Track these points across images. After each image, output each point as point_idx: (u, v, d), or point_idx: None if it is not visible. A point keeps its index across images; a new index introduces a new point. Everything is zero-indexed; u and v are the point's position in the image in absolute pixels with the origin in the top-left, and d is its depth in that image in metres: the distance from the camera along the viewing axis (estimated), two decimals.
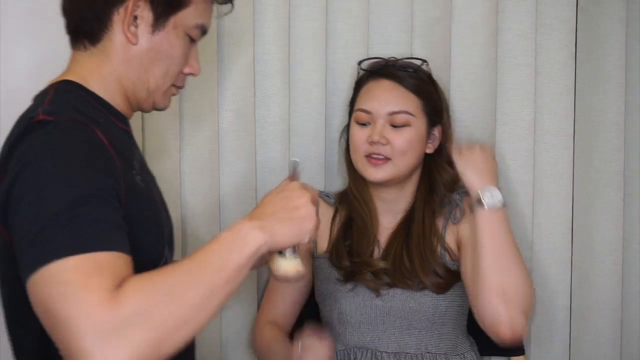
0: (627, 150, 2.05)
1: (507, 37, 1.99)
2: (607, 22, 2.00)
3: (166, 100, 1.45)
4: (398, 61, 1.85)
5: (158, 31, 1.37)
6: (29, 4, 1.81)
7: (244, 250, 1.21)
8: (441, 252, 1.82)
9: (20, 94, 1.40)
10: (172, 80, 1.43)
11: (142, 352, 1.07)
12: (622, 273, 2.06)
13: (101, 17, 1.35)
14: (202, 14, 1.41)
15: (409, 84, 1.82)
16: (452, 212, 1.84)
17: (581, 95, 2.03)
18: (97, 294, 1.07)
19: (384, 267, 1.80)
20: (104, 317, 1.06)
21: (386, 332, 1.80)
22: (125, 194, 1.25)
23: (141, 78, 1.39)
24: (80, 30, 1.37)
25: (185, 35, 1.40)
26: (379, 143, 1.78)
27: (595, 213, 2.05)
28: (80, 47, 1.38)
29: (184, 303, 1.13)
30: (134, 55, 1.37)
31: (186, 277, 1.15)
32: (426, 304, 1.79)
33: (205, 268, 1.17)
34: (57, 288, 1.08)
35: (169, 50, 1.38)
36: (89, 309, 1.06)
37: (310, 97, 2.00)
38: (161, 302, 1.11)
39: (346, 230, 1.87)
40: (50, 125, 1.23)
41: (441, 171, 1.86)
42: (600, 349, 2.07)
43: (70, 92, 1.34)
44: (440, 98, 1.88)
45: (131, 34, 1.35)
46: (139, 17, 1.35)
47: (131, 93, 1.40)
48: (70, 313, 1.06)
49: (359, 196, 1.87)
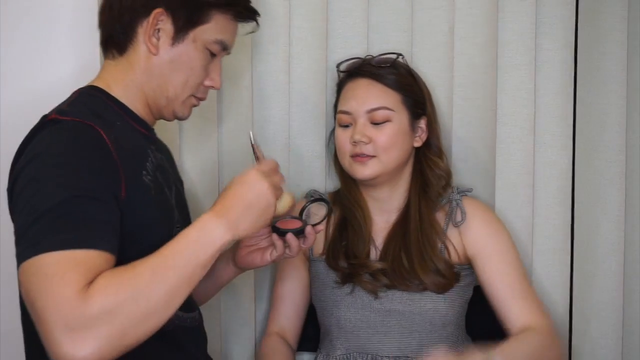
0: (628, 151, 2.05)
1: (507, 37, 1.99)
2: (608, 22, 2.00)
3: (186, 109, 1.55)
4: (374, 58, 1.86)
5: (178, 43, 1.48)
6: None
7: (208, 249, 1.30)
8: (441, 248, 1.81)
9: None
10: (191, 91, 1.52)
11: (106, 345, 1.18)
12: (623, 273, 2.06)
13: (127, 30, 1.47)
14: (222, 30, 1.51)
15: (386, 79, 1.81)
16: (452, 212, 1.84)
17: (581, 95, 2.03)
18: (70, 289, 1.17)
19: (382, 268, 1.80)
20: (73, 311, 1.16)
21: (386, 336, 1.79)
22: (125, 192, 1.32)
23: (161, 86, 1.49)
24: (110, 41, 1.50)
25: (204, 49, 1.50)
26: (361, 142, 1.78)
27: (595, 213, 2.05)
28: (109, 56, 1.51)
29: (148, 301, 1.22)
30: (154, 65, 1.48)
31: (151, 276, 1.23)
32: (426, 306, 1.78)
33: (171, 267, 1.25)
34: (37, 280, 1.19)
35: (188, 62, 1.49)
36: (61, 303, 1.16)
37: (310, 97, 2.00)
38: (126, 300, 1.20)
39: (341, 231, 1.86)
40: (59, 125, 1.34)
41: (431, 164, 1.86)
42: (602, 350, 2.06)
43: (92, 96, 1.45)
44: (421, 89, 1.87)
45: (152, 45, 1.46)
46: (161, 29, 1.47)
47: (152, 100, 1.50)
48: (44, 305, 1.17)
49: (351, 197, 1.87)
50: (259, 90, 2.00)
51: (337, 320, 1.83)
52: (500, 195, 2.00)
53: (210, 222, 1.32)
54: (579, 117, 2.04)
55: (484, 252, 1.81)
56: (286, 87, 1.99)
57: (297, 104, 2.01)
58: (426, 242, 1.80)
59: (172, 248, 1.28)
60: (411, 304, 1.78)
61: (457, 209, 1.84)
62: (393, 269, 1.79)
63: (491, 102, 1.99)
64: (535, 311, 1.78)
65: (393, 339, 1.79)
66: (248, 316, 2.02)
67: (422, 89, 1.87)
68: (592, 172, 2.04)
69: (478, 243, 1.82)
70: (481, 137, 1.99)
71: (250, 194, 1.37)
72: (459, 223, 1.83)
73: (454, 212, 1.84)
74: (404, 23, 2.00)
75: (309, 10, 1.98)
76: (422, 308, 1.78)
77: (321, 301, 1.87)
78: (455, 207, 1.84)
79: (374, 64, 1.84)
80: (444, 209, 1.86)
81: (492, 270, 1.80)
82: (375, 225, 1.87)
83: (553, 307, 2.03)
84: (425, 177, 1.86)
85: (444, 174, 1.88)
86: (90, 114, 1.38)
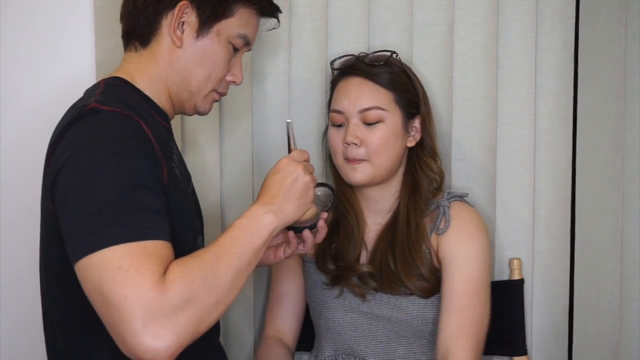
0: (627, 151, 2.05)
1: (507, 37, 1.99)
2: (608, 22, 2.00)
3: (207, 104, 1.56)
4: (367, 56, 1.84)
5: (202, 37, 1.48)
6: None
7: (262, 233, 1.37)
8: (426, 252, 1.78)
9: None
10: (213, 85, 1.53)
11: (185, 333, 1.21)
12: (622, 274, 2.06)
13: (151, 22, 1.47)
14: (246, 25, 1.52)
15: (379, 78, 1.79)
16: (438, 219, 1.80)
17: (581, 95, 2.03)
18: (148, 280, 1.19)
19: (369, 271, 1.78)
20: (154, 301, 1.18)
21: (374, 340, 1.79)
22: (166, 184, 1.35)
23: (184, 80, 1.50)
24: (133, 33, 1.49)
25: (228, 43, 1.51)
26: (353, 144, 1.75)
27: (595, 213, 2.05)
28: (131, 49, 1.51)
29: (217, 287, 1.27)
30: (178, 58, 1.48)
31: (217, 263, 1.29)
32: (413, 312, 1.77)
33: (232, 254, 1.31)
34: (110, 273, 1.19)
35: (212, 55, 1.49)
36: (141, 293, 1.18)
37: (310, 97, 2.00)
38: (200, 288, 1.24)
39: (332, 233, 1.84)
40: (101, 114, 1.34)
41: (424, 166, 1.83)
42: (601, 350, 2.06)
43: (118, 86, 1.45)
44: (416, 88, 1.84)
45: (177, 38, 1.47)
46: (186, 22, 1.47)
47: (174, 94, 1.51)
48: (123, 296, 1.18)
49: (344, 198, 1.85)
50: (259, 90, 1.99)
51: (325, 321, 1.82)
52: (500, 195, 2.00)
53: (258, 211, 1.39)
54: (579, 117, 2.04)
55: (450, 266, 1.76)
56: (286, 87, 1.99)
57: (297, 104, 2.01)
58: (411, 246, 1.77)
59: (228, 237, 1.33)
60: (398, 309, 1.77)
61: (443, 217, 1.80)
62: (381, 272, 1.77)
63: (491, 102, 1.99)
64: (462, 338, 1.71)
65: (380, 342, 1.79)
66: (247, 316, 2.02)
67: (416, 88, 1.84)
68: (592, 172, 2.04)
69: (447, 254, 1.77)
70: (481, 137, 1.99)
71: (288, 180, 1.45)
72: (441, 231, 1.79)
73: (439, 219, 1.80)
74: (404, 23, 2.00)
75: (309, 10, 1.98)
76: (408, 314, 1.77)
77: (312, 302, 1.87)
78: (441, 214, 1.80)
79: (367, 62, 1.81)
80: (431, 215, 1.82)
81: (448, 283, 1.75)
82: (367, 227, 1.85)
83: (553, 307, 2.03)
84: (417, 178, 1.82)
85: (436, 176, 1.85)
86: (124, 104, 1.38)
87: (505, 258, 2.00)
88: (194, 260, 1.27)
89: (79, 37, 1.91)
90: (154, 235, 1.25)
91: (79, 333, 1.39)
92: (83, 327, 1.37)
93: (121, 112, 1.35)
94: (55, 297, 1.43)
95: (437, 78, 1.98)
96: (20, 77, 1.91)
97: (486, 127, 1.99)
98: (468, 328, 1.72)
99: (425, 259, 1.77)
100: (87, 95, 1.44)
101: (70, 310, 1.39)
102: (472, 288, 1.74)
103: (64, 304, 1.40)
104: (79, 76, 1.89)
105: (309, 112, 2.01)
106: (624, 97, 2.02)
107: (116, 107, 1.36)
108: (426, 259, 1.77)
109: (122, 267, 1.19)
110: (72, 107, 1.42)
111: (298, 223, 1.53)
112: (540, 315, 2.03)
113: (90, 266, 1.21)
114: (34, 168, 1.88)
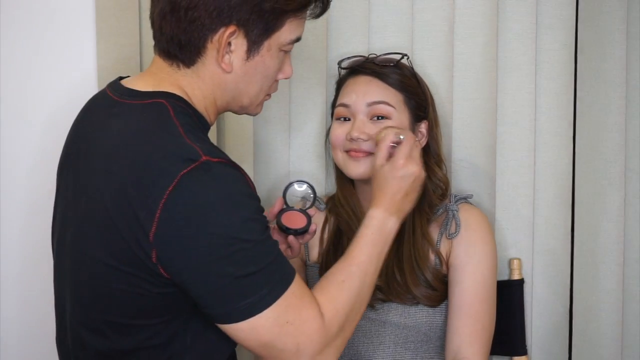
0: (627, 151, 2.05)
1: (507, 37, 1.99)
2: (608, 22, 2.00)
3: (259, 108, 1.51)
4: (378, 57, 1.82)
5: (253, 57, 1.39)
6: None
7: (388, 241, 1.46)
8: (435, 260, 1.78)
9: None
10: (265, 93, 1.48)
11: (341, 349, 1.37)
12: (622, 274, 2.06)
13: (196, 44, 1.36)
14: (296, 29, 1.44)
15: (389, 78, 1.77)
16: (447, 223, 1.79)
17: (581, 95, 2.03)
18: (315, 323, 1.31)
19: (376, 285, 1.76)
20: (321, 339, 1.32)
21: (381, 345, 1.78)
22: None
23: (235, 98, 1.44)
24: (174, 53, 1.38)
25: (279, 51, 1.43)
26: (359, 139, 1.72)
27: (595, 213, 2.05)
28: (172, 64, 1.39)
29: (362, 304, 1.40)
30: (228, 81, 1.40)
31: (362, 286, 1.39)
32: (421, 319, 1.76)
33: (371, 272, 1.41)
34: (282, 329, 1.29)
35: (264, 71, 1.42)
36: (311, 336, 1.31)
37: (310, 97, 2.00)
38: (351, 313, 1.37)
39: (336, 240, 1.83)
40: (214, 169, 1.27)
41: (429, 172, 1.78)
42: (601, 350, 2.06)
43: (183, 111, 1.35)
44: (424, 92, 1.82)
45: (225, 64, 1.37)
46: (233, 44, 1.36)
47: (223, 108, 1.46)
48: (296, 344, 1.30)
49: (346, 204, 1.83)
50: None
51: None
52: (501, 196, 2.00)
53: (384, 218, 1.46)
54: (579, 117, 2.04)
55: (460, 269, 1.76)
56: (286, 87, 1.99)
57: (297, 104, 2.01)
58: (418, 255, 1.76)
59: (364, 253, 1.42)
60: (407, 316, 1.76)
61: (452, 220, 1.79)
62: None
63: (491, 102, 1.99)
64: (473, 344, 1.72)
65: (388, 348, 1.77)
66: None
67: (425, 92, 1.82)
68: (592, 172, 2.04)
69: (458, 258, 1.77)
70: (481, 137, 1.99)
71: (405, 183, 1.51)
72: (453, 235, 1.78)
73: (449, 223, 1.79)
74: (404, 23, 2.00)
75: None
76: (417, 321, 1.76)
77: None
78: (450, 217, 1.79)
79: (378, 62, 1.80)
80: (438, 220, 1.81)
81: (459, 287, 1.75)
82: None
83: (553, 307, 2.03)
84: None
85: (442, 183, 1.82)
86: (212, 146, 1.34)
87: (505, 258, 2.00)
88: (340, 289, 1.37)
89: (81, 38, 1.91)
90: (293, 276, 1.32)
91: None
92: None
93: (227, 163, 1.31)
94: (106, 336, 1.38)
95: (437, 78, 1.97)
96: (22, 79, 1.91)
97: (486, 127, 1.99)
98: (479, 333, 1.72)
99: (433, 267, 1.76)
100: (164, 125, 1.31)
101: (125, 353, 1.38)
102: (482, 293, 1.74)
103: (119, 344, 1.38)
104: (81, 78, 1.89)
105: (309, 112, 2.01)
106: (624, 97, 2.02)
107: (220, 157, 1.30)
108: (434, 267, 1.76)
109: (289, 321, 1.29)
110: (165, 152, 1.28)
111: (292, 226, 1.56)
112: (540, 315, 2.03)
113: (258, 327, 1.28)
114: (34, 168, 1.90)
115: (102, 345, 1.38)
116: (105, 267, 1.32)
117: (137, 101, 1.36)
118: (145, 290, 1.30)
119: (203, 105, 1.41)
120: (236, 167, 1.32)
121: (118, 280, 1.32)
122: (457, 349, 1.71)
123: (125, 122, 1.34)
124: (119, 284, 1.32)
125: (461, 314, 1.72)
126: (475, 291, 1.73)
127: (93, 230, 1.33)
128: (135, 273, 1.30)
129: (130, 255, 1.28)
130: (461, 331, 1.72)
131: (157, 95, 1.36)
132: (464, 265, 1.75)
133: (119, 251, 1.30)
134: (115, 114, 1.37)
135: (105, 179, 1.31)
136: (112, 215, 1.29)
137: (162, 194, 1.24)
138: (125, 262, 1.30)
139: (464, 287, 1.74)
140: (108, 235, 1.30)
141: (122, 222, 1.28)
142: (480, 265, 1.76)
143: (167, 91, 1.37)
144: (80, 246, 1.37)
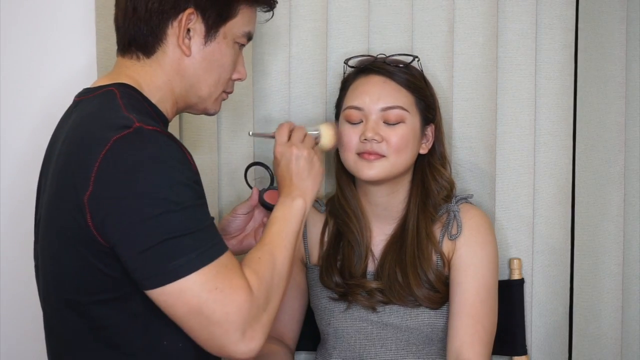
0: (627, 151, 2.05)
1: (507, 37, 1.99)
2: (608, 22, 2.00)
3: (217, 105, 1.56)
4: (388, 57, 1.80)
5: (210, 42, 1.47)
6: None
7: (297, 219, 1.50)
8: (437, 261, 1.78)
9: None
10: (223, 87, 1.54)
11: (269, 327, 1.36)
12: (622, 273, 2.06)
13: (156, 32, 1.45)
14: (249, 22, 1.52)
15: (400, 79, 1.75)
16: (449, 224, 1.79)
17: (581, 95, 2.03)
18: (242, 293, 1.31)
19: (378, 287, 1.76)
20: (250, 310, 1.32)
21: (383, 347, 1.78)
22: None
23: (194, 86, 1.49)
24: (134, 43, 1.47)
25: (234, 43, 1.51)
26: (373, 141, 1.70)
27: (595, 213, 2.05)
28: (132, 57, 1.48)
29: (281, 279, 1.41)
30: (187, 66, 1.47)
31: (275, 259, 1.41)
32: (423, 322, 1.76)
33: (282, 246, 1.44)
34: (209, 294, 1.29)
35: (220, 59, 1.49)
36: (240, 307, 1.30)
37: (310, 97, 2.00)
38: (273, 285, 1.38)
39: (337, 243, 1.82)
40: (146, 135, 1.32)
41: (435, 174, 1.79)
42: (601, 350, 2.06)
43: (132, 97, 1.42)
44: (433, 95, 1.82)
45: (185, 47, 1.45)
46: (192, 29, 1.45)
47: (182, 100, 1.51)
48: (225, 313, 1.29)
49: (348, 207, 1.81)
50: (259, 90, 1.99)
51: (334, 330, 1.81)
52: (501, 196, 2.00)
53: (286, 201, 1.52)
54: (579, 117, 2.04)
55: (462, 270, 1.76)
56: (286, 87, 1.99)
57: (297, 104, 2.01)
58: (421, 256, 1.75)
59: (273, 232, 1.46)
60: (408, 318, 1.76)
61: (454, 221, 1.79)
62: (389, 286, 1.75)
63: (491, 102, 1.99)
64: (475, 346, 1.71)
65: (390, 350, 1.77)
66: None
67: (433, 95, 1.82)
68: (592, 172, 2.04)
69: (460, 259, 1.76)
70: (481, 137, 1.99)
71: (291, 165, 1.56)
72: (454, 236, 1.78)
73: (451, 224, 1.79)
74: (404, 23, 2.00)
75: (309, 10, 1.98)
76: (419, 322, 1.76)
77: (318, 309, 1.84)
78: (452, 218, 1.79)
79: (388, 62, 1.78)
80: (441, 220, 1.80)
81: (460, 288, 1.74)
82: (373, 236, 1.82)
83: (553, 307, 2.03)
84: (427, 186, 1.79)
85: (447, 184, 1.82)
86: (151, 120, 1.38)
87: (505, 258, 2.00)
88: (259, 264, 1.39)
89: (80, 36, 1.91)
90: (224, 249, 1.34)
91: (94, 353, 1.40)
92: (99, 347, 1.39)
93: (160, 132, 1.34)
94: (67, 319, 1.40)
95: (437, 78, 1.97)
96: (21, 77, 1.92)
97: (486, 127, 1.99)
98: (480, 334, 1.72)
99: (435, 268, 1.76)
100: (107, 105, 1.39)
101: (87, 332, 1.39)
102: (484, 295, 1.74)
103: (82, 326, 1.39)
104: (80, 76, 1.89)
105: (309, 112, 2.01)
106: (624, 97, 2.02)
107: (150, 124, 1.34)
108: (436, 268, 1.76)
109: (218, 287, 1.29)
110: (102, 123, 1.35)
111: (275, 202, 1.61)
112: (540, 315, 2.03)
113: (185, 289, 1.28)
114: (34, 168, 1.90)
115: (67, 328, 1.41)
116: (58, 245, 1.38)
117: (91, 94, 1.45)
118: (91, 264, 1.33)
119: (158, 96, 1.46)
120: (172, 138, 1.36)
121: (69, 257, 1.36)
122: (459, 350, 1.71)
123: (79, 113, 1.43)
124: (70, 260, 1.37)
125: (462, 315, 1.72)
126: (477, 292, 1.73)
127: (48, 216, 1.41)
128: (79, 248, 1.33)
129: (73, 227, 1.33)
130: (462, 332, 1.71)
131: (109, 86, 1.43)
132: (466, 266, 1.75)
133: (64, 224, 1.35)
134: (75, 111, 1.45)
135: (56, 163, 1.40)
136: (57, 191, 1.37)
137: (96, 158, 1.30)
138: (70, 236, 1.34)
139: (466, 288, 1.74)
140: (55, 212, 1.38)
141: (64, 193, 1.35)
142: (481, 266, 1.75)
143: (120, 82, 1.44)
144: (44, 242, 1.44)
